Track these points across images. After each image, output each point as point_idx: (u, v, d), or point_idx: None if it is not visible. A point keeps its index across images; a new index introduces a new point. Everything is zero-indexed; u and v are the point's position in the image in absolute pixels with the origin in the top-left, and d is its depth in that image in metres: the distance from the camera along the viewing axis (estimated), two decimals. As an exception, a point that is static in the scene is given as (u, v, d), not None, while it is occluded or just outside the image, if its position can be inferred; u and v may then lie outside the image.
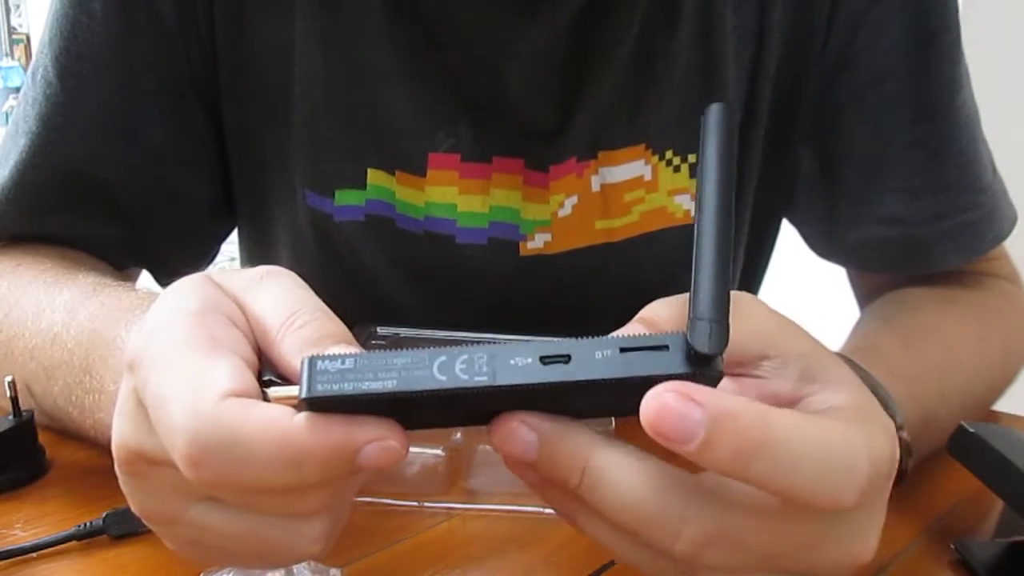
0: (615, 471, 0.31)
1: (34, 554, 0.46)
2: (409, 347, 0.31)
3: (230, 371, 0.31)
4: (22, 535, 0.48)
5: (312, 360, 0.29)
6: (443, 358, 0.29)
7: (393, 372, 0.29)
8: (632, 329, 0.33)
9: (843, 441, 0.30)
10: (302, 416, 0.30)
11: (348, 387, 0.29)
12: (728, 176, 0.31)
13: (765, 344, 0.34)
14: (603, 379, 0.29)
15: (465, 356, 0.29)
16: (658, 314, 0.33)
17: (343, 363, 0.29)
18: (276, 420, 0.30)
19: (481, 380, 0.29)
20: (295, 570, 0.42)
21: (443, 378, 0.29)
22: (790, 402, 0.34)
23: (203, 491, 0.32)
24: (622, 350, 0.29)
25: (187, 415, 0.30)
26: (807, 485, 0.29)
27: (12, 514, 0.50)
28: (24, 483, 0.53)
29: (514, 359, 0.29)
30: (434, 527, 0.49)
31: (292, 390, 0.30)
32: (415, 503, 0.51)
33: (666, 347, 0.29)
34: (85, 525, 0.47)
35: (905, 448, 0.43)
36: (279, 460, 0.30)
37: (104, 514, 0.47)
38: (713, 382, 0.30)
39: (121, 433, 0.33)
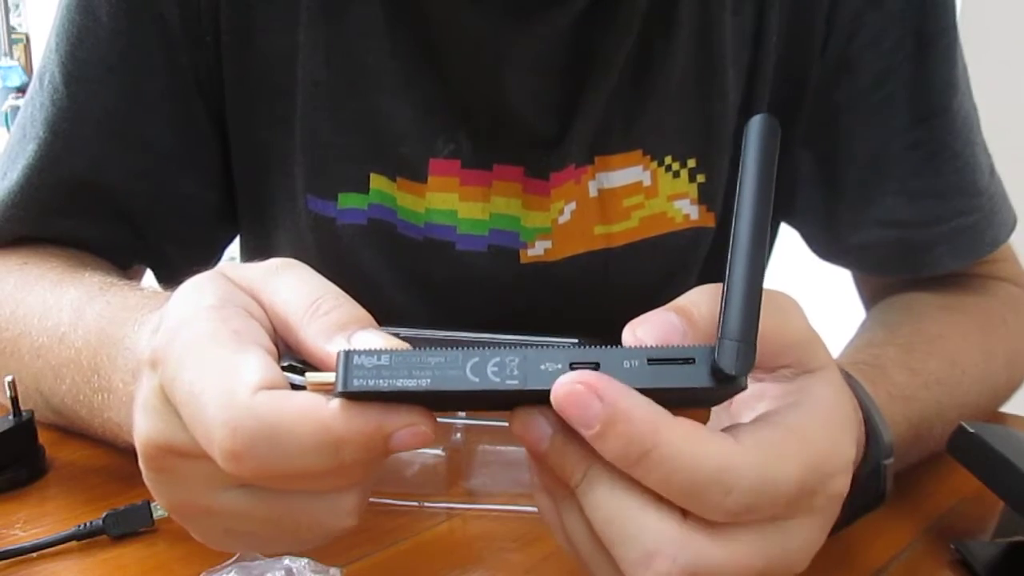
0: (614, 479, 0.32)
1: (34, 554, 0.46)
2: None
3: (258, 363, 0.31)
4: (22, 535, 0.48)
5: (348, 355, 0.30)
6: (476, 359, 0.30)
7: (427, 371, 0.30)
8: (667, 319, 0.33)
9: (730, 461, 0.31)
10: (336, 403, 0.31)
11: (384, 384, 0.30)
12: (766, 191, 0.32)
13: (793, 357, 0.35)
14: None
15: (497, 359, 0.30)
16: (697, 306, 0.33)
17: (379, 359, 0.30)
18: (312, 409, 0.31)
19: (512, 384, 0.30)
20: (295, 570, 0.42)
21: (475, 379, 0.30)
22: (775, 397, 0.35)
23: (239, 481, 0.33)
24: (650, 361, 0.30)
25: (223, 409, 0.30)
26: (680, 495, 0.31)
27: (12, 514, 0.50)
28: (24, 483, 0.53)
29: (544, 364, 0.30)
30: (434, 527, 0.49)
31: (328, 376, 0.31)
32: (415, 503, 0.51)
33: (692, 360, 0.30)
34: (85, 525, 0.47)
35: (884, 474, 0.44)
36: (317, 447, 0.30)
37: (104, 514, 0.47)
38: (735, 392, 0.31)
39: (147, 429, 0.33)
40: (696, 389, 0.30)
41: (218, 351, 0.32)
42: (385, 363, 0.30)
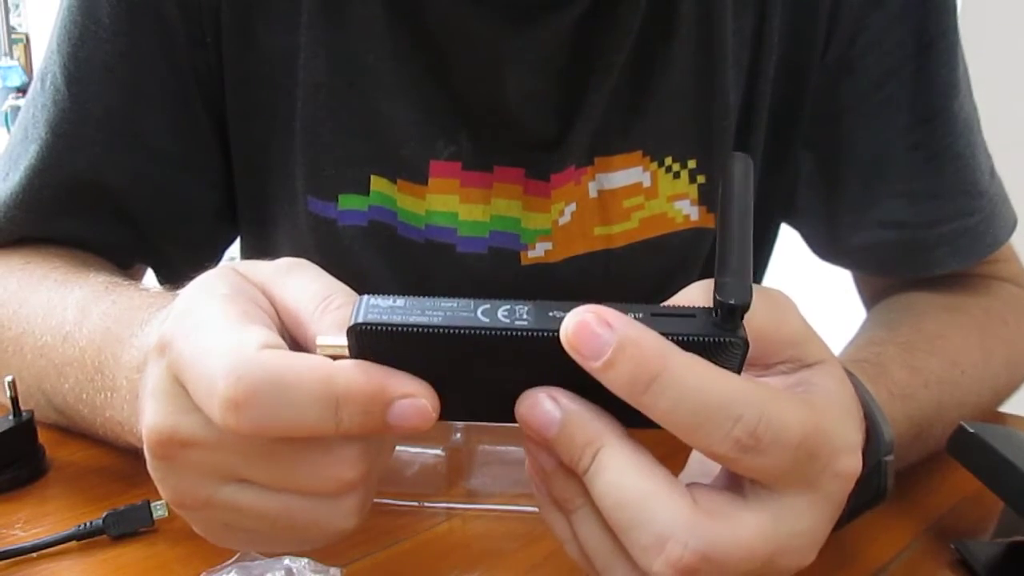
0: (624, 463, 0.32)
1: (34, 554, 0.46)
2: None
3: (266, 333, 0.32)
4: (22, 535, 0.48)
5: (365, 297, 0.32)
6: (487, 305, 0.31)
7: (439, 312, 0.31)
8: None
9: (738, 390, 0.31)
10: (342, 360, 0.31)
11: (396, 318, 0.31)
12: (747, 186, 0.34)
13: (790, 354, 0.35)
14: None
15: (508, 306, 0.31)
16: (694, 303, 0.34)
17: (394, 301, 0.31)
18: (317, 362, 0.31)
19: (521, 324, 0.31)
20: (295, 570, 0.42)
21: (486, 320, 0.31)
22: None
23: (239, 476, 0.33)
24: (653, 315, 0.32)
25: (229, 360, 0.31)
26: (688, 424, 0.31)
27: (12, 514, 0.50)
28: (24, 483, 0.53)
29: (553, 312, 0.31)
30: (434, 527, 0.49)
31: (338, 339, 0.32)
32: (415, 503, 0.51)
33: (693, 315, 0.32)
34: (85, 525, 0.47)
35: (885, 471, 0.44)
36: (319, 400, 0.31)
37: (104, 514, 0.47)
38: (739, 351, 0.32)
39: (154, 415, 0.34)
40: (698, 336, 0.31)
41: (226, 323, 0.32)
42: (399, 305, 0.31)
